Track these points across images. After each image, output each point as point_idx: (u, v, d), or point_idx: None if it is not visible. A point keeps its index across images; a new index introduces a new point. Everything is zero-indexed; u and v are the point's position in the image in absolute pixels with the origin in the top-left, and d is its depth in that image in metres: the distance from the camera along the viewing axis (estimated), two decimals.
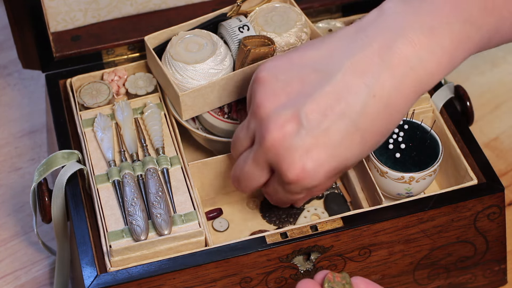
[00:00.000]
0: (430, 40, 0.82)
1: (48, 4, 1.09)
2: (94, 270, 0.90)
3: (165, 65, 1.02)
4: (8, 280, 1.11)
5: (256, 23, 1.05)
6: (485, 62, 1.34)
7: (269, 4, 1.07)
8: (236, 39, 1.03)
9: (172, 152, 1.01)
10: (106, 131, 1.02)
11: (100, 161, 1.01)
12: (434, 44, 0.83)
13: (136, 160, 1.00)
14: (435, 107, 1.05)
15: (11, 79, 1.34)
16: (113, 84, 1.08)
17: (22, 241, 1.15)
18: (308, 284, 0.81)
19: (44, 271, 1.12)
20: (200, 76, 1.01)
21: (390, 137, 1.00)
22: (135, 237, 0.93)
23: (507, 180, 1.18)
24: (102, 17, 1.13)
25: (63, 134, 1.03)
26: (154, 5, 1.14)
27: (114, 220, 0.95)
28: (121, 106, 1.04)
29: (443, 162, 1.02)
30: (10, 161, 1.24)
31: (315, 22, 1.13)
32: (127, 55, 1.12)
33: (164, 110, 1.05)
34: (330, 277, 0.80)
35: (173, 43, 1.03)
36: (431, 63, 0.83)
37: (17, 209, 1.18)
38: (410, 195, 1.00)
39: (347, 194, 1.06)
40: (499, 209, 0.97)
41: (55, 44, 1.11)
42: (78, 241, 0.93)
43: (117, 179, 0.98)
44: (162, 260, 0.91)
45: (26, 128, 1.28)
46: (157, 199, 0.95)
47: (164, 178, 0.99)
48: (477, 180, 0.98)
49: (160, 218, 0.94)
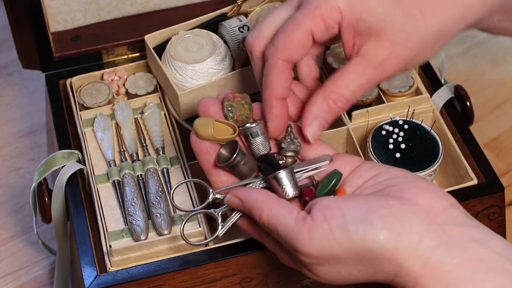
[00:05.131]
0: None
1: (48, 4, 1.09)
2: (94, 270, 0.90)
3: (165, 65, 1.02)
4: (8, 280, 1.11)
5: (256, 23, 1.05)
6: (485, 62, 1.34)
7: (270, 4, 1.07)
8: (236, 39, 1.03)
9: (172, 152, 1.01)
10: (106, 131, 1.02)
11: (100, 161, 1.01)
12: None
13: (136, 160, 1.00)
14: (435, 107, 1.05)
15: (11, 79, 1.34)
16: (113, 84, 1.08)
17: (22, 241, 1.15)
18: (209, 101, 0.84)
19: (44, 271, 1.12)
20: (199, 75, 1.01)
21: (390, 137, 1.00)
22: (135, 237, 0.93)
23: (507, 180, 1.18)
24: (102, 17, 1.13)
25: (63, 134, 1.03)
26: (154, 5, 1.14)
27: (114, 220, 0.95)
28: (121, 106, 1.04)
29: (443, 162, 1.02)
30: (10, 161, 1.24)
31: None
32: (127, 55, 1.12)
33: (164, 110, 1.05)
34: (230, 96, 0.84)
35: (173, 43, 1.03)
36: None
37: (17, 209, 1.18)
38: None
39: None
40: (499, 209, 0.97)
41: (55, 44, 1.11)
42: (78, 241, 0.93)
43: (117, 179, 0.98)
44: (162, 260, 0.91)
45: (26, 128, 1.28)
46: (157, 199, 0.95)
47: (164, 178, 0.99)
48: (477, 180, 0.98)
49: (160, 218, 0.94)
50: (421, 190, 0.78)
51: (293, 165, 0.83)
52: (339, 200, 0.77)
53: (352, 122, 1.04)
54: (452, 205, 0.77)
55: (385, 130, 1.01)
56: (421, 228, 0.75)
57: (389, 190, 0.79)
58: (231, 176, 0.86)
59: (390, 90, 1.05)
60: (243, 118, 0.84)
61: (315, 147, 0.86)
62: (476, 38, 1.38)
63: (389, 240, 0.74)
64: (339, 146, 1.05)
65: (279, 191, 0.81)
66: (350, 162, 0.84)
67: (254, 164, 0.84)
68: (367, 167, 0.83)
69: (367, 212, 0.75)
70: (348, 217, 0.75)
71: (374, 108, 1.03)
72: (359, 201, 0.77)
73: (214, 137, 0.82)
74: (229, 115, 0.83)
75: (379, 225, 0.74)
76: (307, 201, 0.82)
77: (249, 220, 0.84)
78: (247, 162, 0.83)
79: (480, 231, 0.76)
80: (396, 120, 1.02)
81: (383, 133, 1.01)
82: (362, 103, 1.04)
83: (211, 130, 0.82)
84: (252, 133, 0.84)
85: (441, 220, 0.76)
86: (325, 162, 0.84)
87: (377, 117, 1.04)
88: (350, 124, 1.03)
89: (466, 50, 1.36)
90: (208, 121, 0.82)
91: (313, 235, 0.75)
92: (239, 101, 0.83)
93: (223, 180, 0.86)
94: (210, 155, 0.85)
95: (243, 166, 0.83)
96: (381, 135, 1.01)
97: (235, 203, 0.82)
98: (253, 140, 0.84)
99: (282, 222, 0.78)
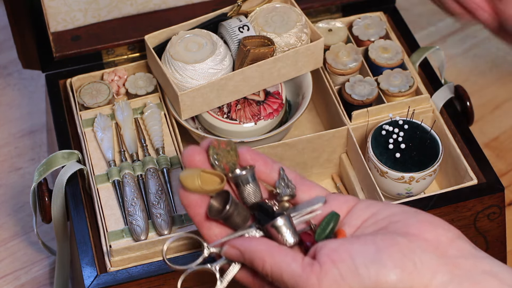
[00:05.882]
0: None
1: (48, 4, 1.09)
2: (94, 270, 0.90)
3: (165, 65, 1.02)
4: (8, 280, 1.11)
5: (256, 23, 1.05)
6: (485, 62, 1.34)
7: (270, 4, 1.07)
8: (236, 39, 1.03)
9: (172, 152, 1.01)
10: (106, 131, 1.02)
11: (100, 161, 1.01)
12: None
13: (136, 160, 1.00)
14: (435, 107, 1.05)
15: (11, 79, 1.34)
16: (113, 84, 1.08)
17: (22, 241, 1.15)
18: (193, 151, 0.79)
19: (44, 271, 1.12)
20: (199, 75, 1.01)
21: (390, 137, 1.00)
22: (135, 237, 0.93)
23: (507, 180, 1.18)
24: (102, 17, 1.13)
25: (63, 134, 1.03)
26: (154, 5, 1.14)
27: (114, 220, 0.95)
28: (121, 106, 1.04)
29: (443, 162, 1.02)
30: (10, 161, 1.24)
31: (315, 22, 1.13)
32: (127, 55, 1.12)
33: (164, 110, 1.05)
34: (215, 144, 0.79)
35: (173, 43, 1.03)
36: None
37: (17, 209, 1.18)
38: (410, 195, 1.00)
39: (347, 194, 1.06)
40: (499, 209, 0.97)
41: (55, 44, 1.11)
42: (78, 241, 0.93)
43: (117, 179, 0.98)
44: (162, 260, 0.91)
45: (26, 128, 1.28)
46: (157, 199, 0.95)
47: (164, 178, 0.99)
48: (477, 180, 0.98)
49: (160, 218, 0.94)
50: (426, 224, 0.75)
51: (288, 211, 0.80)
52: (345, 242, 0.74)
53: (352, 122, 1.04)
54: (458, 237, 0.76)
55: (385, 130, 1.01)
56: (433, 264, 0.73)
57: (393, 227, 0.76)
58: (224, 228, 0.80)
59: (390, 90, 1.05)
60: (230, 165, 0.79)
61: (308, 189, 0.82)
62: (476, 38, 1.38)
63: (402, 280, 0.72)
64: (339, 146, 1.05)
65: (279, 239, 0.77)
66: (345, 202, 0.80)
67: (248, 213, 0.80)
68: (363, 206, 0.80)
69: (376, 252, 0.73)
70: (358, 259, 0.72)
71: (374, 108, 1.03)
72: (366, 241, 0.74)
73: (202, 189, 0.78)
74: (215, 163, 0.78)
75: (391, 265, 0.72)
76: (308, 246, 0.78)
77: (249, 271, 0.80)
78: (240, 212, 0.79)
79: (490, 263, 0.74)
80: (396, 120, 1.02)
81: (383, 133, 1.01)
82: (362, 103, 1.04)
83: (198, 182, 0.77)
84: (243, 181, 0.79)
85: (451, 253, 0.74)
86: (319, 205, 0.80)
87: (377, 117, 1.04)
88: (350, 124, 1.03)
89: (466, 50, 1.36)
90: (194, 173, 0.78)
91: (322, 282, 0.72)
92: (224, 148, 0.79)
93: (216, 233, 0.80)
94: (200, 207, 0.79)
95: (236, 216, 0.78)
96: (381, 135, 1.01)
97: (234, 255, 0.78)
98: (244, 188, 0.80)
99: (288, 271, 0.74)
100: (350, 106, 1.05)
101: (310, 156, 1.05)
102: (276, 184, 0.80)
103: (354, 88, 1.05)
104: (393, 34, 1.13)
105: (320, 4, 1.15)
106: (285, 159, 1.04)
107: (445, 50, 1.34)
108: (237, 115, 1.03)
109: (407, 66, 1.09)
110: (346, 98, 1.05)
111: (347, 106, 1.05)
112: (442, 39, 1.38)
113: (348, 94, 1.05)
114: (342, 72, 1.07)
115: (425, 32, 1.39)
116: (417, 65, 1.11)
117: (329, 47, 1.10)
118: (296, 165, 1.05)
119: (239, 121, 1.03)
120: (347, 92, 1.05)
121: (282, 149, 1.02)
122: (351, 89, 1.05)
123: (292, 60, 1.03)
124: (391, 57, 1.08)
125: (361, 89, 1.05)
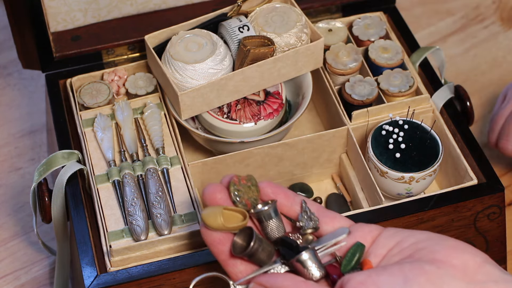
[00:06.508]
0: None
1: (48, 4, 1.09)
2: (94, 270, 0.90)
3: (165, 65, 1.02)
4: (8, 280, 1.11)
5: (256, 23, 1.05)
6: (485, 62, 1.34)
7: (270, 4, 1.07)
8: (236, 39, 1.03)
9: (172, 152, 1.01)
10: (106, 131, 1.02)
11: (100, 161, 1.01)
12: None
13: (136, 160, 1.00)
14: (435, 107, 1.05)
15: (11, 79, 1.34)
16: (113, 84, 1.08)
17: (22, 241, 1.15)
18: (215, 188, 0.79)
19: (44, 271, 1.12)
20: (199, 75, 1.01)
21: (390, 137, 1.00)
22: (135, 237, 0.93)
23: (507, 180, 1.18)
24: (102, 17, 1.13)
25: (63, 134, 1.03)
26: (154, 5, 1.14)
27: (114, 220, 0.95)
28: (121, 106, 1.04)
29: (443, 162, 1.02)
30: (10, 161, 1.24)
31: (315, 22, 1.13)
32: (127, 55, 1.12)
33: (164, 110, 1.05)
34: (235, 180, 0.79)
35: (173, 43, 1.03)
36: None
37: (17, 209, 1.18)
38: (410, 195, 1.00)
39: (347, 194, 1.06)
40: (499, 209, 0.97)
41: (55, 44, 1.11)
42: (78, 241, 0.93)
43: (117, 179, 0.98)
44: (162, 260, 0.91)
45: (26, 128, 1.28)
46: (157, 199, 0.95)
47: (164, 178, 0.99)
48: (477, 180, 0.98)
49: (160, 218, 0.94)
50: (452, 250, 0.74)
51: (312, 244, 0.79)
52: (372, 274, 0.73)
53: (352, 122, 1.04)
54: (486, 261, 0.74)
55: (385, 130, 1.01)
56: None
57: (419, 254, 0.75)
58: (249, 264, 0.79)
59: (390, 90, 1.05)
60: (252, 201, 0.79)
61: (331, 220, 0.81)
62: (476, 38, 1.38)
63: None
64: (339, 146, 1.05)
65: (305, 273, 0.77)
66: (369, 232, 0.79)
67: (272, 248, 0.79)
68: (388, 235, 0.79)
69: (404, 282, 0.71)
70: None
71: (374, 108, 1.03)
72: (393, 271, 0.73)
73: (225, 227, 0.77)
74: (237, 200, 0.78)
75: None
76: (334, 279, 0.77)
77: None
78: (265, 248, 0.78)
79: None
80: (396, 120, 1.02)
81: (383, 133, 1.01)
82: (362, 103, 1.04)
83: (221, 220, 0.77)
84: (266, 216, 0.79)
85: (479, 278, 0.73)
86: (343, 236, 0.78)
87: (377, 117, 1.04)
88: (350, 124, 1.03)
89: (466, 50, 1.36)
90: (216, 211, 0.77)
91: None
92: (245, 183, 0.78)
93: (241, 270, 0.80)
94: (224, 245, 0.79)
95: (261, 252, 0.78)
96: (381, 135, 1.01)
97: None
98: (267, 223, 0.79)
99: None
100: (350, 106, 1.05)
101: (310, 156, 1.05)
102: (299, 217, 0.79)
103: (354, 88, 1.05)
104: (393, 34, 1.13)
105: (320, 4, 1.15)
106: (285, 159, 1.04)
107: (445, 50, 1.34)
108: (237, 115, 1.03)
109: (407, 66, 1.09)
110: (346, 98, 1.05)
111: (347, 106, 1.05)
112: (442, 39, 1.38)
113: (348, 94, 1.05)
114: (342, 72, 1.07)
115: (425, 32, 1.39)
116: (417, 65, 1.11)
117: (329, 47, 1.10)
118: (296, 165, 1.05)
119: (239, 121, 1.03)
120: (347, 92, 1.05)
121: (282, 149, 1.02)
122: (351, 89, 1.05)
123: (292, 60, 1.03)
124: (391, 57, 1.08)
125: (361, 89, 1.05)
